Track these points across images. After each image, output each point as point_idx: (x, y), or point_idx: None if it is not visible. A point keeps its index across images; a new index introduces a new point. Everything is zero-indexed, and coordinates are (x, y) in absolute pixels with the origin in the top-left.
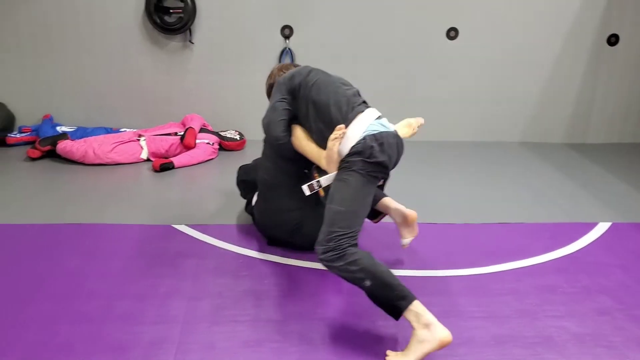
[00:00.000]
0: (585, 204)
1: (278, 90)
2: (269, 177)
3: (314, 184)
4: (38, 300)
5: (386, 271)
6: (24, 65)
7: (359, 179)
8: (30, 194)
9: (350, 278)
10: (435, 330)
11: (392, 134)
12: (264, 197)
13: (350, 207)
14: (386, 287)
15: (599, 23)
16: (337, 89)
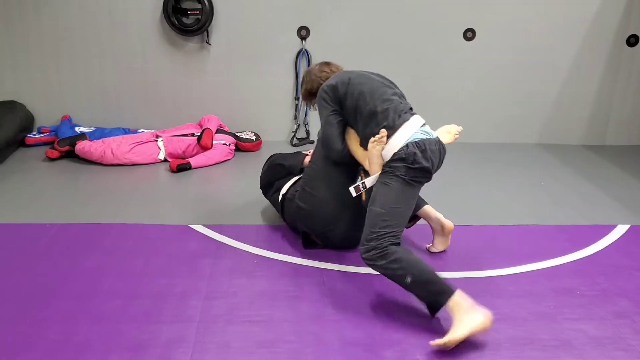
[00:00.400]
0: (604, 206)
1: (325, 102)
2: (319, 169)
3: (359, 185)
4: (58, 299)
5: (426, 267)
6: (44, 66)
7: (401, 183)
8: (50, 193)
9: (392, 275)
10: (475, 315)
11: (434, 140)
12: (310, 186)
13: (392, 209)
14: (427, 283)
15: (618, 24)
16: (383, 95)
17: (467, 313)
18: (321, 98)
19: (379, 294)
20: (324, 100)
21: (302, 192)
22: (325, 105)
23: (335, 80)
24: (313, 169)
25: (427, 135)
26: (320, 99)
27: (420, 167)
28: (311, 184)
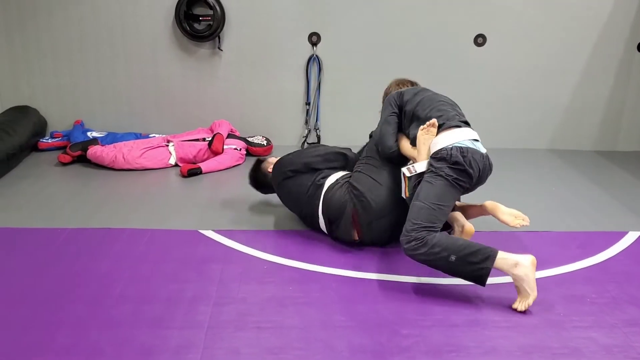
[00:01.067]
0: (615, 213)
1: (389, 105)
2: (379, 164)
3: (410, 167)
4: (69, 303)
5: (465, 242)
6: (57, 72)
7: (444, 182)
8: (61, 198)
9: (436, 259)
10: (524, 263)
11: (481, 153)
12: (371, 174)
13: (433, 204)
14: (470, 255)
15: (629, 29)
16: (440, 106)
17: (518, 263)
18: (388, 101)
19: (387, 300)
20: (390, 102)
21: (360, 176)
22: (388, 107)
23: (404, 90)
24: (371, 163)
25: (474, 146)
26: (387, 101)
27: (461, 169)
28: (372, 172)
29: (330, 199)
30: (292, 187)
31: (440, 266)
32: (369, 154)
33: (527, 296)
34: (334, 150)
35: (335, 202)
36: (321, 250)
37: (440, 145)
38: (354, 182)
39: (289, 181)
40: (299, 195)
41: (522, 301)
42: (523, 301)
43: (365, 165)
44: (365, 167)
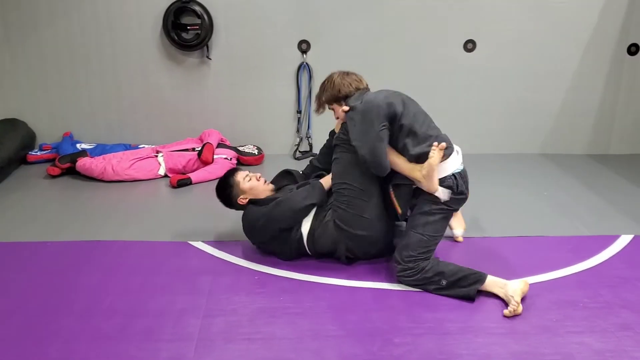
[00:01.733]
0: (607, 216)
1: (378, 116)
2: (358, 188)
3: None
4: (59, 316)
5: (455, 266)
6: (45, 84)
7: (444, 214)
8: (50, 211)
9: (427, 284)
10: (512, 284)
11: (465, 170)
12: (355, 208)
13: (432, 237)
14: (460, 280)
15: (618, 33)
16: (430, 122)
17: (507, 284)
18: (377, 112)
19: (379, 309)
20: (379, 114)
21: (344, 214)
22: (377, 119)
23: (388, 99)
24: (349, 189)
25: (463, 166)
26: (375, 112)
27: (463, 197)
28: (355, 205)
29: (318, 241)
30: (274, 247)
31: (430, 289)
32: (345, 179)
33: (515, 309)
34: (298, 205)
35: (325, 243)
36: (311, 260)
37: (443, 174)
38: (340, 222)
39: (267, 245)
40: (282, 251)
41: (510, 309)
42: (510, 309)
43: (344, 197)
44: (345, 201)
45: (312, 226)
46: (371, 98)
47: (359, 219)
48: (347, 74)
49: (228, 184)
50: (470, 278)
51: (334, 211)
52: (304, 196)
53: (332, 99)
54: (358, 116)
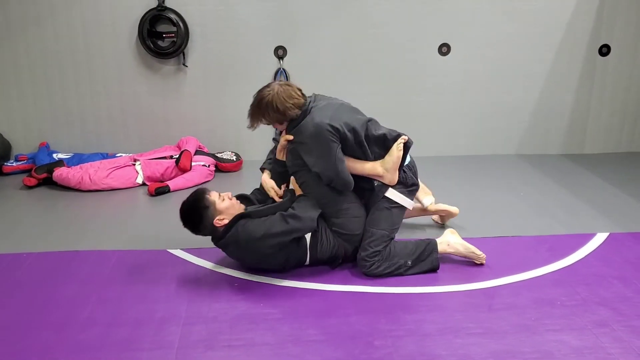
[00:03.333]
0: (583, 215)
1: (331, 141)
2: (335, 196)
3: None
4: (35, 329)
5: (409, 243)
6: (20, 94)
7: (401, 209)
8: (27, 222)
9: (396, 269)
10: (449, 239)
11: (412, 160)
12: (335, 214)
13: (393, 230)
14: (421, 255)
15: (589, 34)
16: (376, 124)
17: (448, 242)
18: (328, 138)
19: (359, 312)
20: (331, 139)
21: (338, 221)
22: (330, 142)
23: (331, 117)
24: (329, 203)
25: (410, 157)
26: (324, 136)
27: (415, 188)
28: (342, 211)
29: (321, 250)
30: (271, 259)
31: (400, 272)
32: (321, 197)
33: (477, 258)
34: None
35: (326, 250)
36: None
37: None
38: (338, 229)
39: (265, 257)
40: (278, 262)
41: (477, 260)
42: (478, 260)
43: (329, 209)
44: (332, 212)
45: (314, 236)
46: (318, 121)
47: (353, 220)
48: (287, 88)
49: (202, 204)
50: (427, 249)
51: (328, 221)
52: (313, 204)
53: (275, 120)
54: (311, 142)
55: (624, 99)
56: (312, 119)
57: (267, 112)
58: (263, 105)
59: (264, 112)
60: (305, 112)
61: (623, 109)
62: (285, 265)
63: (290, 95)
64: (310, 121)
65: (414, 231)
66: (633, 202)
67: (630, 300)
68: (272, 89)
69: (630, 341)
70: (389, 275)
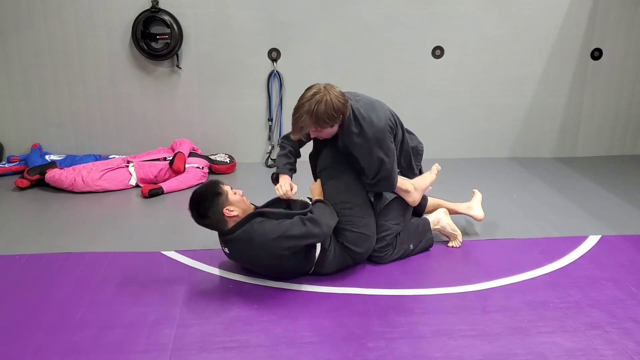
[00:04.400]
0: (575, 218)
1: (389, 141)
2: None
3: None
4: (28, 331)
5: (412, 226)
6: (13, 95)
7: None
8: (19, 224)
9: (402, 254)
10: (440, 216)
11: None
12: (351, 224)
13: (405, 222)
14: (419, 235)
15: (582, 38)
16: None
17: (439, 222)
18: (388, 136)
19: (352, 314)
20: (390, 139)
21: (351, 235)
22: (391, 142)
23: (386, 117)
24: (349, 209)
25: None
26: (387, 136)
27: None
28: (358, 224)
29: (329, 263)
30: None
31: (405, 256)
32: (344, 199)
33: (456, 237)
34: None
35: (334, 264)
36: None
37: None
38: (349, 245)
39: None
40: (285, 269)
41: (455, 241)
42: (455, 241)
43: (346, 217)
44: (349, 222)
45: (322, 252)
46: (380, 120)
47: (366, 239)
48: (332, 88)
49: (216, 190)
50: (422, 228)
51: (340, 234)
52: (331, 211)
53: (330, 124)
54: (374, 141)
55: (616, 102)
56: (370, 117)
57: (324, 117)
58: (321, 109)
59: (321, 117)
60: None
61: (615, 112)
62: (286, 274)
63: (340, 93)
64: (369, 120)
65: None
66: (625, 205)
67: (623, 303)
68: (323, 90)
69: (623, 343)
70: (399, 259)
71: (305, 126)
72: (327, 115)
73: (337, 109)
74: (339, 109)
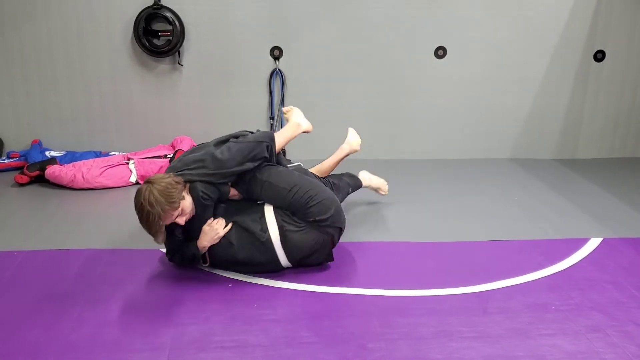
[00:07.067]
0: (576, 220)
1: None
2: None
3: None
4: (25, 328)
5: (346, 175)
6: (13, 91)
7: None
8: (18, 220)
9: (344, 195)
10: (364, 176)
11: None
12: (306, 199)
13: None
14: (351, 180)
15: (585, 39)
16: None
17: (363, 178)
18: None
19: (352, 315)
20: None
21: (315, 208)
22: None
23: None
24: (296, 192)
25: None
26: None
27: None
28: (307, 187)
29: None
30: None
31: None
32: (293, 184)
33: (382, 185)
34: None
35: (302, 246)
36: None
37: None
38: (319, 217)
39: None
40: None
41: (381, 190)
42: (382, 190)
43: (300, 201)
44: (303, 200)
45: (282, 235)
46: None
47: (327, 203)
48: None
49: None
50: (352, 174)
51: (308, 215)
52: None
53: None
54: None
55: (617, 104)
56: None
57: (153, 214)
58: (146, 213)
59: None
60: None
61: (616, 114)
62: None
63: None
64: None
65: None
66: (626, 208)
67: (624, 306)
68: (145, 187)
69: (624, 347)
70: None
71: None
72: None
73: (169, 193)
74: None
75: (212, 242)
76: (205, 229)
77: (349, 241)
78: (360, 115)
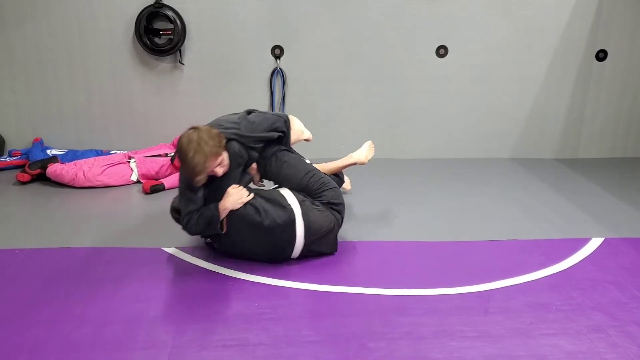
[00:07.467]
0: (578, 220)
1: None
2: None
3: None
4: (27, 326)
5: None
6: (15, 89)
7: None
8: (20, 218)
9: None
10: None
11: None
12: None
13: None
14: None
15: (587, 39)
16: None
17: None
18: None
19: (354, 314)
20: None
21: (330, 192)
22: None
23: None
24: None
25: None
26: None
27: None
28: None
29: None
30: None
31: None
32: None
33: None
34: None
35: (320, 225)
36: (287, 265)
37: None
38: (333, 201)
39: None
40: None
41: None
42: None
43: (316, 184)
44: (317, 185)
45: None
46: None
47: (338, 191)
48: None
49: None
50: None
51: (322, 196)
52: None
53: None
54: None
55: (619, 104)
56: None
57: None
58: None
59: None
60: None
61: (618, 114)
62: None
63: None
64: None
65: None
66: (628, 208)
67: (626, 306)
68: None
69: (626, 347)
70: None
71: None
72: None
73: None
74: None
75: (234, 205)
76: (231, 191)
77: (349, 240)
78: (361, 115)
